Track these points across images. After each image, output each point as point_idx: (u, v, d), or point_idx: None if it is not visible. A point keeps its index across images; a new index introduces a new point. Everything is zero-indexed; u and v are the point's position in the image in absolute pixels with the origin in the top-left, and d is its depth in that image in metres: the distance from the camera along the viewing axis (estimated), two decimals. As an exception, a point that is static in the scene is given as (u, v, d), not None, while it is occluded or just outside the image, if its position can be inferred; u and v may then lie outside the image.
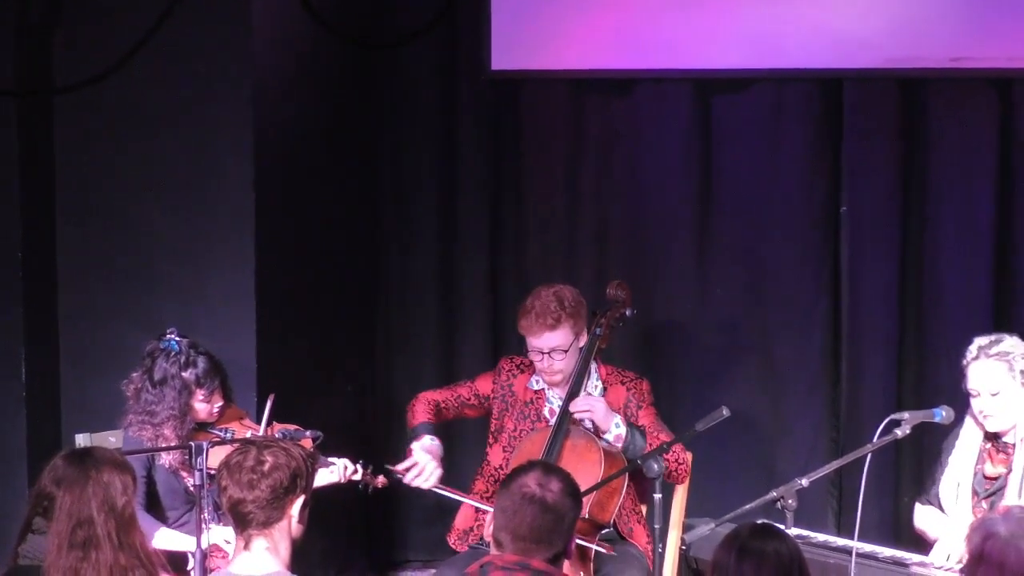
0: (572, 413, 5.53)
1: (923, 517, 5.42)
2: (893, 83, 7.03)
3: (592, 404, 5.53)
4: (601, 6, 7.14)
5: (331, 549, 6.90)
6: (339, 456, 5.59)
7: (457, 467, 7.22)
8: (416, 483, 5.59)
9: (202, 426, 5.66)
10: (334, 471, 5.55)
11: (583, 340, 5.63)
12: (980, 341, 5.28)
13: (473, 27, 7.24)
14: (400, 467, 5.59)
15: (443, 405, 5.81)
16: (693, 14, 7.06)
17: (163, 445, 5.50)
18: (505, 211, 7.40)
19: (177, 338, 5.62)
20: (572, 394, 5.58)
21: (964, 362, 5.28)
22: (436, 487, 5.61)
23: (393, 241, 7.47)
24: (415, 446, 5.64)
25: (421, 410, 5.77)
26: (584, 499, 4.56)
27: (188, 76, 6.35)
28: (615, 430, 5.50)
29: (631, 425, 5.52)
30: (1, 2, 6.13)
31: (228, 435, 5.62)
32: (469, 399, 5.83)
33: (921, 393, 6.95)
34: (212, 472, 4.72)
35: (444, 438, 7.17)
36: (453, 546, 5.75)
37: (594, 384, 5.70)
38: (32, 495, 4.28)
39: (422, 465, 5.58)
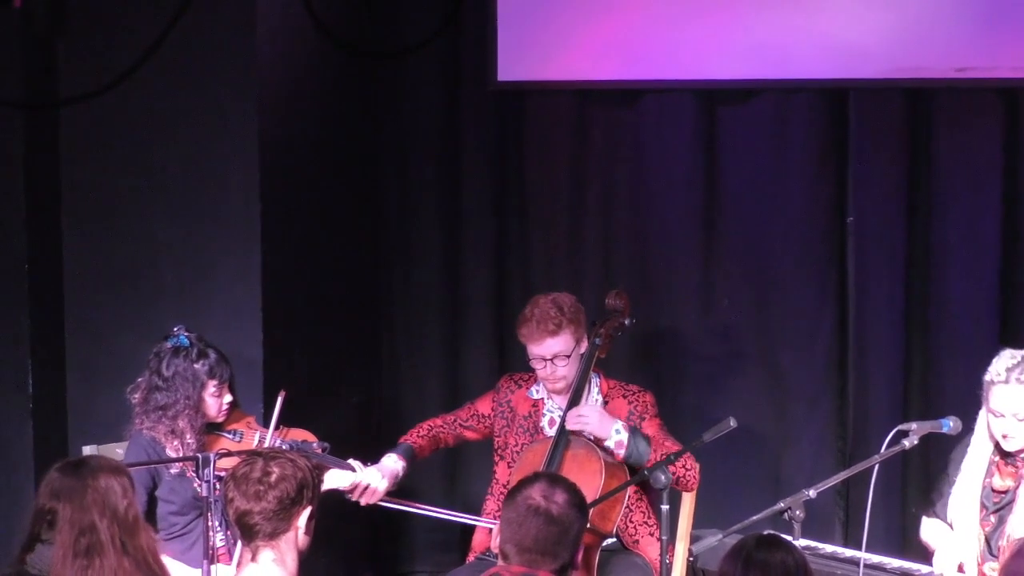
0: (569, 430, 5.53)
1: (928, 530, 5.39)
2: (898, 93, 7.03)
3: (585, 414, 5.51)
4: (606, 17, 7.14)
5: (337, 560, 6.89)
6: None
7: (467, 487, 7.24)
8: (364, 501, 5.58)
9: (211, 428, 5.66)
10: (349, 475, 5.54)
11: (584, 346, 5.64)
12: (1007, 362, 5.12)
13: (477, 38, 7.24)
14: (345, 487, 5.58)
15: (439, 431, 5.81)
16: (698, 25, 7.07)
17: (178, 439, 5.50)
18: (510, 221, 7.40)
19: (186, 333, 5.63)
20: (572, 404, 5.58)
21: (988, 379, 5.14)
22: (383, 501, 5.61)
23: (398, 251, 7.47)
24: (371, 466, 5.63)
25: (411, 433, 5.79)
26: (586, 509, 4.55)
27: (193, 86, 6.36)
28: (615, 436, 5.48)
29: (633, 430, 5.51)
30: (7, 14, 6.13)
31: (237, 437, 5.63)
32: (467, 420, 5.83)
33: (928, 403, 6.94)
34: (220, 474, 4.72)
35: (453, 460, 7.23)
36: None
37: (594, 397, 5.69)
38: (32, 513, 4.26)
39: (365, 483, 5.55)
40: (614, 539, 5.62)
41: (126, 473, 4.30)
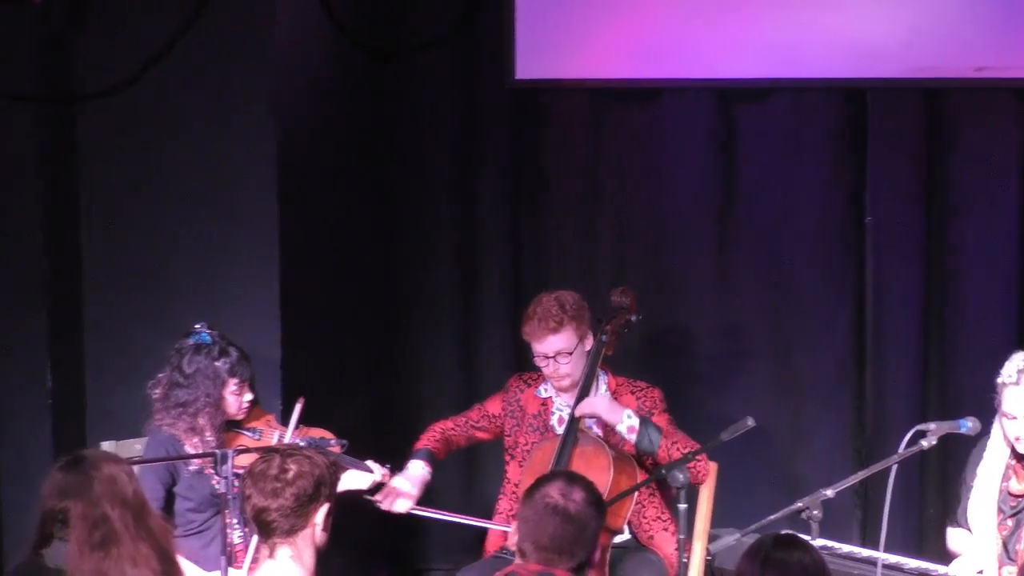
0: (578, 417, 5.54)
1: (955, 540, 5.35)
2: (916, 93, 7.02)
3: (592, 403, 5.53)
4: (623, 16, 7.14)
5: (353, 558, 6.89)
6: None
7: (483, 488, 7.23)
8: (392, 508, 5.61)
9: (231, 425, 5.66)
10: (367, 477, 5.55)
11: (589, 343, 5.64)
12: (1019, 363, 5.08)
13: (494, 36, 7.24)
14: (378, 495, 5.60)
15: (451, 433, 5.83)
16: (716, 24, 7.06)
17: (197, 436, 5.51)
18: (525, 220, 7.40)
19: (208, 331, 5.64)
20: (580, 400, 5.59)
21: (1000, 381, 5.11)
22: (414, 510, 5.64)
23: (414, 249, 7.47)
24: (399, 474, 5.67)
25: (425, 438, 5.81)
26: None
27: (211, 83, 6.36)
28: (627, 421, 5.49)
29: (644, 418, 5.51)
30: (25, 10, 6.14)
31: (257, 435, 5.63)
32: (478, 421, 5.84)
33: (945, 403, 6.93)
34: (239, 471, 4.72)
35: (469, 461, 7.22)
36: None
37: (602, 394, 5.69)
38: (40, 516, 4.25)
39: (397, 491, 5.60)
40: (628, 536, 5.62)
41: (124, 460, 4.31)
